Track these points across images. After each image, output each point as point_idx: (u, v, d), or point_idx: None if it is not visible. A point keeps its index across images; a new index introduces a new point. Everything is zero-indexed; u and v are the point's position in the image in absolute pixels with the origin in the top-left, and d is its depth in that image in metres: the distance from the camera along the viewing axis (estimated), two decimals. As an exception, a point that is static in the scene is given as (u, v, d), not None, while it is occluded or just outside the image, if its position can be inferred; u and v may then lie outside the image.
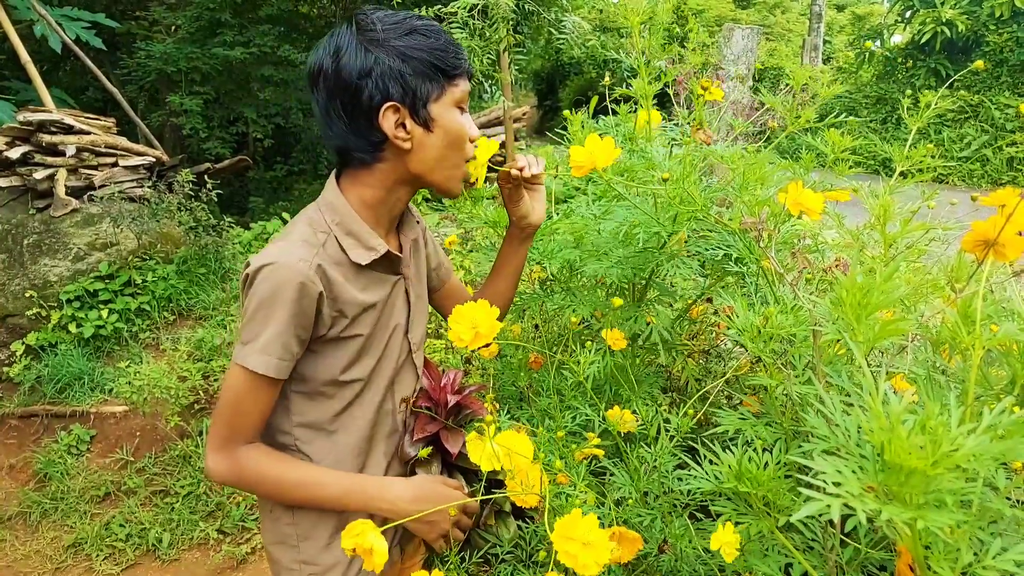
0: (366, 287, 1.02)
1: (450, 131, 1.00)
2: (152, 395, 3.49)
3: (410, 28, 0.96)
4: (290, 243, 0.96)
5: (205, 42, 7.37)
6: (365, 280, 1.02)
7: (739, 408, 0.89)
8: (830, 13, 16.45)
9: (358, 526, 0.76)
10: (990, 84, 9.40)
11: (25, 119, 4.48)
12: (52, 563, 2.76)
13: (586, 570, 0.68)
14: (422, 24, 0.97)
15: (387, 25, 0.96)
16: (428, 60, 0.95)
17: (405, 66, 0.95)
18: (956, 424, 0.48)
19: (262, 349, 0.93)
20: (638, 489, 0.92)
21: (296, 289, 0.92)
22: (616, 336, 1.05)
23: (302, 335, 0.95)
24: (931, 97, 0.87)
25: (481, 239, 3.99)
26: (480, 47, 4.23)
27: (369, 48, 0.94)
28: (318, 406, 1.03)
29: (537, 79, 17.00)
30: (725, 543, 0.70)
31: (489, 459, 0.85)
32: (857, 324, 0.60)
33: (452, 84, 0.98)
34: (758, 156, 0.92)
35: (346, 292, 0.98)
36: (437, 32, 0.98)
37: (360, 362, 1.03)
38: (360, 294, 1.00)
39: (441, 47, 0.96)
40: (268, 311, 0.92)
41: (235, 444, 0.98)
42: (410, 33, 0.96)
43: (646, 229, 0.98)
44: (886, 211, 0.73)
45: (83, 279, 4.13)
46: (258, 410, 0.97)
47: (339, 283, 0.97)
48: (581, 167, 0.92)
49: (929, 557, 0.55)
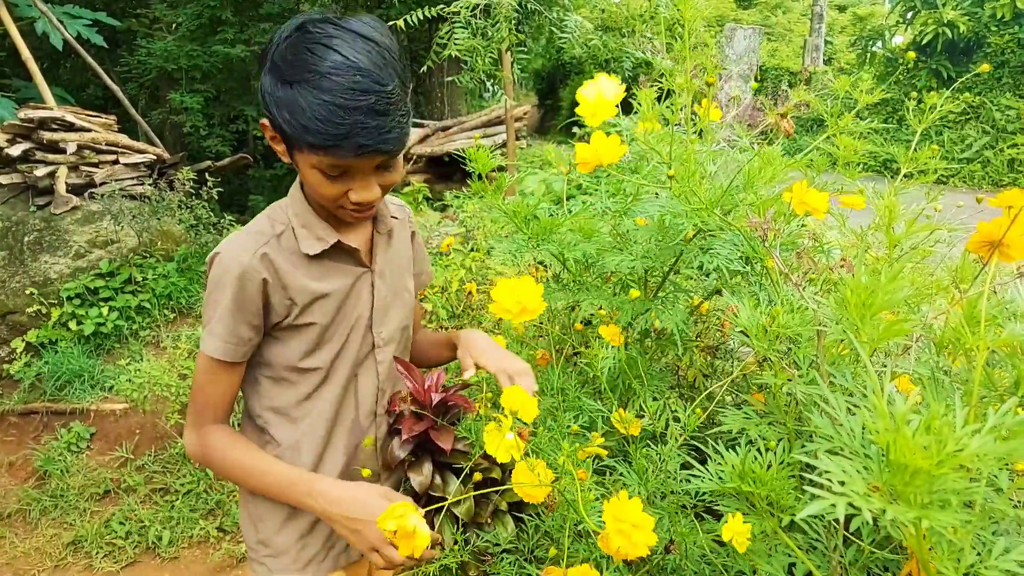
0: (322, 276, 1.04)
1: (308, 183, 0.98)
2: (152, 393, 3.50)
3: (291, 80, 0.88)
4: (242, 234, 1.03)
5: (206, 40, 7.37)
6: (321, 270, 1.04)
7: (743, 407, 0.89)
8: (831, 14, 16.45)
9: (400, 507, 0.75)
10: (991, 86, 9.40)
11: (26, 116, 4.48)
12: (52, 560, 2.76)
13: (637, 549, 0.71)
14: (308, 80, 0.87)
15: (286, 59, 0.89)
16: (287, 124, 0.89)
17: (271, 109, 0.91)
18: (961, 424, 0.49)
19: (210, 332, 1.00)
20: (647, 489, 0.92)
21: (236, 277, 0.98)
22: (613, 331, 1.05)
23: (252, 320, 1.01)
24: (935, 99, 0.87)
25: (482, 239, 3.99)
26: (482, 46, 4.23)
27: (273, 63, 0.91)
28: (283, 391, 1.08)
29: (538, 78, 16.99)
30: (737, 533, 0.70)
31: (507, 450, 0.85)
32: (861, 324, 0.60)
33: (314, 151, 0.90)
34: (772, 156, 0.92)
35: (295, 280, 1.02)
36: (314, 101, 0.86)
37: (319, 351, 1.06)
38: (312, 283, 1.03)
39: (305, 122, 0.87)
40: (214, 297, 1.00)
41: (202, 423, 1.06)
42: (287, 85, 0.88)
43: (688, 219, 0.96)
44: (891, 212, 0.73)
45: (84, 276, 4.13)
46: (218, 392, 1.04)
47: (288, 271, 1.01)
48: (586, 164, 0.92)
49: (933, 557, 0.55)
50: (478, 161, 1.06)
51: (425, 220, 6.16)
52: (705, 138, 1.08)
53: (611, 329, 1.06)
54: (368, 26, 0.92)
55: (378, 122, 0.89)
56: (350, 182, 0.95)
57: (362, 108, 0.87)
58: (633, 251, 1.09)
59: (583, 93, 0.86)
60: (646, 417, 0.99)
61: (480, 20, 4.16)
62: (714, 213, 0.90)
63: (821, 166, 1.01)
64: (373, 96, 0.88)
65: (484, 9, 4.15)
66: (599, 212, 1.21)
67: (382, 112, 0.89)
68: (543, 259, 1.18)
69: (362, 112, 0.87)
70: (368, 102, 0.87)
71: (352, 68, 0.87)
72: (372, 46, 0.90)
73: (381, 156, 0.93)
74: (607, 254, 1.09)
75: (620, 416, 0.96)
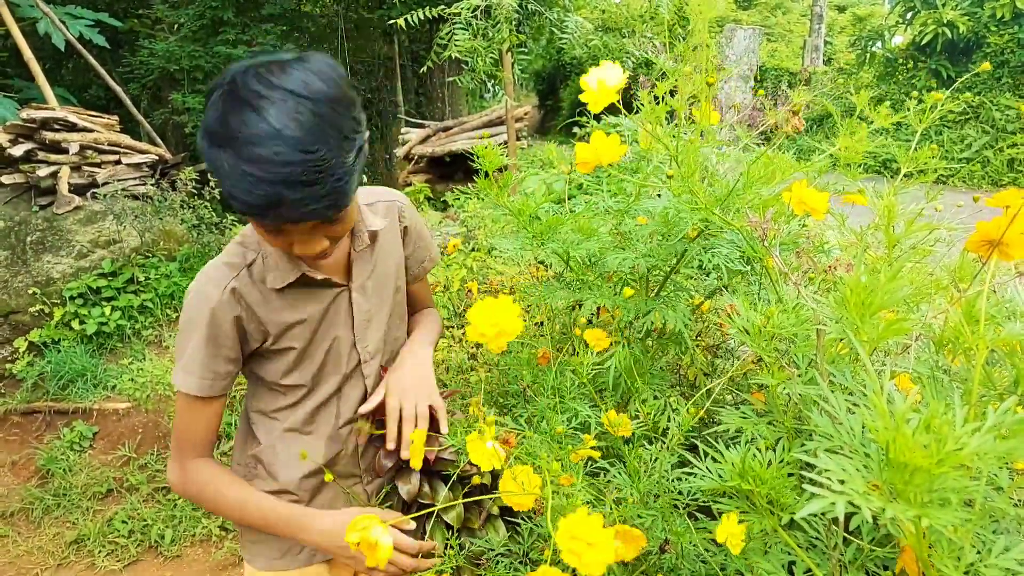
0: (294, 304, 1.03)
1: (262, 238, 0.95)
2: (155, 392, 3.50)
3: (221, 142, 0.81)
4: (213, 266, 1.01)
5: (207, 40, 7.39)
6: (292, 298, 1.03)
7: (742, 407, 0.89)
8: (831, 14, 16.44)
9: (363, 520, 0.76)
10: (991, 85, 9.39)
11: (28, 116, 4.49)
12: (54, 559, 2.77)
13: (589, 569, 0.68)
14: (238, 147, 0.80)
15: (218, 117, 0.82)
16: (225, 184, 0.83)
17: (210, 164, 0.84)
18: (960, 423, 0.49)
19: (184, 368, 1.00)
20: (639, 490, 0.92)
21: (208, 315, 0.98)
22: (599, 335, 1.06)
23: (228, 354, 1.01)
24: (936, 98, 0.87)
25: (483, 238, 3.99)
26: (483, 47, 4.23)
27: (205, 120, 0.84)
28: (273, 398, 1.10)
29: (539, 79, 17.00)
30: (731, 534, 0.70)
31: (489, 458, 0.85)
32: (861, 323, 0.61)
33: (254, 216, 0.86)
34: (777, 157, 0.92)
35: (267, 312, 1.02)
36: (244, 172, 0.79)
37: (298, 370, 1.07)
38: (284, 312, 1.03)
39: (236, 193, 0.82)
40: (187, 334, 1.00)
41: (184, 456, 1.06)
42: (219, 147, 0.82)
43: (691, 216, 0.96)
44: (891, 212, 0.73)
45: (86, 276, 4.14)
46: (196, 426, 1.04)
47: (259, 303, 1.01)
48: (587, 164, 0.93)
49: (932, 555, 0.56)
50: (485, 158, 1.06)
51: (426, 220, 6.17)
52: (707, 137, 1.09)
53: (596, 333, 1.06)
54: (307, 78, 0.83)
55: (303, 193, 0.81)
56: (293, 237, 0.90)
57: (285, 180, 0.80)
58: (635, 250, 1.09)
59: (587, 80, 0.86)
60: (640, 418, 0.99)
61: (481, 21, 4.16)
62: (715, 212, 0.91)
63: (822, 167, 1.02)
64: (299, 167, 0.80)
65: (485, 10, 4.16)
66: (601, 211, 1.21)
67: (309, 183, 0.81)
68: (544, 258, 1.18)
69: (285, 185, 0.80)
70: (291, 174, 0.80)
71: (275, 138, 0.79)
72: (306, 106, 0.81)
73: (317, 219, 0.86)
74: (609, 253, 1.09)
75: (610, 418, 0.96)
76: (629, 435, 0.96)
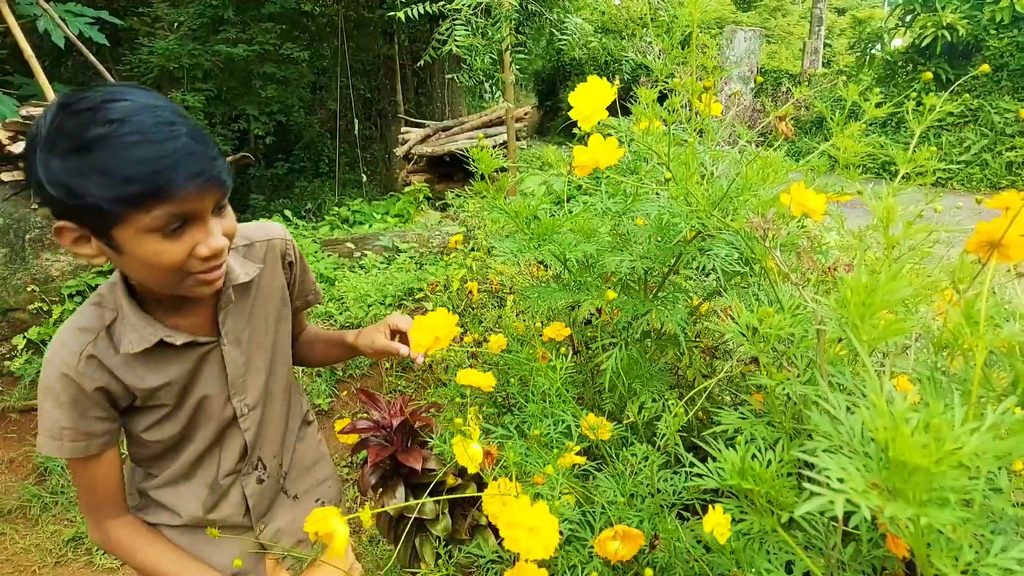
0: (158, 368, 0.96)
1: (142, 260, 0.83)
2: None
3: (83, 144, 0.76)
4: (68, 331, 0.93)
5: (207, 39, 7.39)
6: (155, 361, 0.96)
7: (740, 408, 0.89)
8: (830, 16, 16.46)
9: (320, 512, 0.75)
10: (990, 88, 9.41)
11: (28, 114, 4.49)
12: (52, 557, 2.76)
13: (531, 554, 0.70)
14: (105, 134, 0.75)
15: (65, 131, 0.77)
16: (99, 188, 0.76)
17: (72, 189, 0.77)
18: (959, 423, 0.49)
19: (49, 434, 0.93)
20: (623, 492, 0.93)
21: (65, 383, 0.91)
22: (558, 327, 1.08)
23: (99, 414, 0.94)
24: (934, 100, 0.88)
25: (483, 238, 4.00)
26: (482, 46, 4.23)
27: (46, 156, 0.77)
28: (139, 449, 1.05)
29: (538, 80, 17.02)
30: (716, 524, 0.71)
31: (473, 460, 0.85)
32: (861, 323, 0.61)
33: (139, 211, 0.78)
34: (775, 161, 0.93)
35: (130, 377, 0.95)
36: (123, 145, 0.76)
37: (165, 424, 1.01)
38: (148, 376, 0.96)
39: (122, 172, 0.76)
40: (47, 403, 0.92)
41: (101, 519, 1.01)
42: (80, 151, 0.76)
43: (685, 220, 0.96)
44: (889, 214, 0.73)
45: (85, 274, 4.14)
46: (98, 484, 0.99)
47: (120, 367, 0.94)
48: (584, 167, 0.93)
49: (931, 554, 0.56)
50: (482, 161, 1.06)
51: (426, 220, 6.17)
52: (705, 138, 1.09)
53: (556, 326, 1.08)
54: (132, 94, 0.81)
55: (200, 148, 0.80)
56: (194, 234, 0.84)
57: (179, 137, 0.78)
58: (633, 251, 1.09)
59: (574, 98, 0.87)
60: (632, 419, 1.00)
61: (481, 19, 4.16)
62: (712, 214, 0.91)
63: (821, 168, 1.02)
64: (183, 126, 0.80)
65: (485, 9, 4.16)
66: (599, 213, 1.22)
67: (200, 140, 0.81)
68: (543, 259, 1.18)
69: (179, 141, 0.78)
70: (182, 131, 0.79)
71: (148, 107, 0.78)
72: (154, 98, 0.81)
73: (216, 190, 0.84)
74: (607, 254, 1.09)
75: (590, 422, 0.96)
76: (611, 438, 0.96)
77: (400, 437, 1.12)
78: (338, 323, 4.03)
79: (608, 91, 0.87)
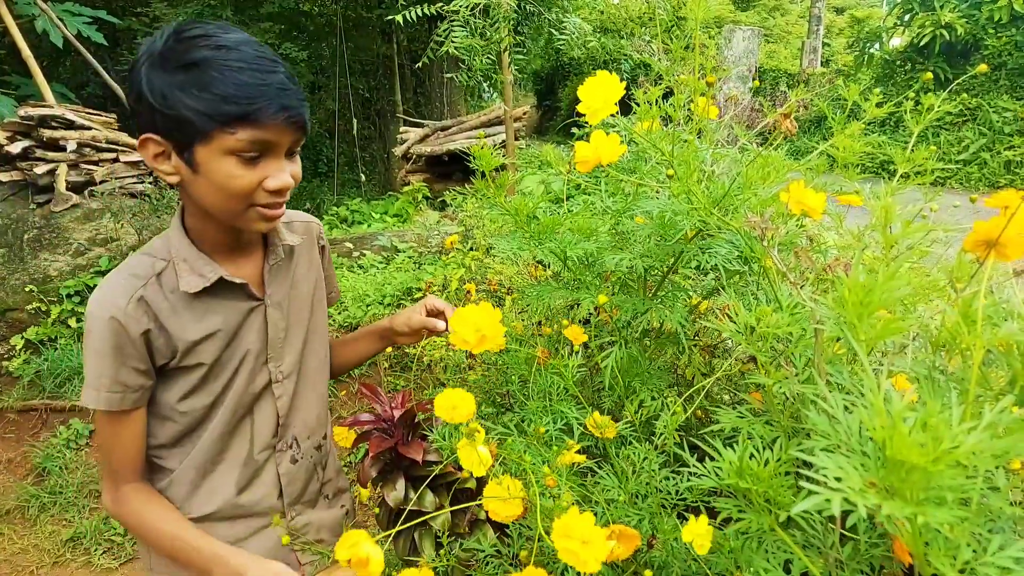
0: (207, 314, 0.99)
1: (215, 181, 0.88)
2: (151, 391, 3.49)
3: (190, 61, 0.83)
4: (117, 276, 0.96)
5: (206, 38, 7.37)
6: (206, 307, 0.98)
7: (738, 407, 0.89)
8: (829, 16, 16.48)
9: (353, 535, 0.74)
10: (988, 88, 9.42)
11: (26, 114, 4.48)
12: (50, 557, 2.76)
13: (587, 567, 0.68)
14: (212, 56, 0.83)
15: (176, 50, 0.85)
16: (196, 102, 0.83)
17: (169, 101, 0.84)
18: (957, 422, 0.49)
19: (92, 384, 0.94)
20: (626, 491, 0.93)
21: (112, 327, 0.92)
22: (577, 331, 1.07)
23: (138, 365, 0.95)
24: (933, 100, 0.88)
25: (481, 238, 3.99)
26: (481, 46, 4.23)
27: (151, 70, 0.85)
28: (165, 428, 1.03)
29: (537, 79, 17.03)
30: (697, 535, 0.71)
31: (479, 463, 0.84)
32: (859, 322, 0.61)
33: (226, 131, 0.85)
34: (775, 160, 0.93)
35: (178, 323, 0.96)
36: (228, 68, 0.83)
37: (199, 393, 1.01)
38: (196, 323, 0.98)
39: (221, 90, 0.83)
40: (92, 348, 0.93)
41: (114, 480, 1.00)
42: (187, 67, 0.83)
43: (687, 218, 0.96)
44: (888, 213, 0.73)
45: (83, 274, 4.14)
46: (122, 445, 0.98)
47: (169, 315, 0.96)
48: (586, 163, 0.93)
49: (929, 553, 0.56)
50: (482, 159, 1.06)
51: (424, 219, 6.17)
52: (704, 137, 1.09)
53: (575, 330, 1.07)
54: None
55: (294, 88, 0.89)
56: (267, 166, 0.90)
57: (277, 73, 0.87)
58: (632, 250, 1.09)
59: (583, 91, 0.86)
60: (629, 418, 0.99)
61: (479, 20, 4.16)
62: (713, 213, 0.91)
63: (820, 168, 1.02)
64: (282, 67, 0.89)
65: (483, 9, 4.16)
66: (599, 211, 1.22)
67: (294, 82, 0.90)
68: (543, 257, 1.19)
69: (277, 76, 0.87)
70: (280, 69, 0.88)
71: (253, 43, 0.88)
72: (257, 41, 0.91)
73: (298, 130, 0.91)
74: (607, 253, 1.09)
75: (596, 420, 0.96)
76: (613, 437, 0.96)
77: (401, 430, 1.12)
78: (336, 323, 4.03)
79: (617, 86, 0.87)
